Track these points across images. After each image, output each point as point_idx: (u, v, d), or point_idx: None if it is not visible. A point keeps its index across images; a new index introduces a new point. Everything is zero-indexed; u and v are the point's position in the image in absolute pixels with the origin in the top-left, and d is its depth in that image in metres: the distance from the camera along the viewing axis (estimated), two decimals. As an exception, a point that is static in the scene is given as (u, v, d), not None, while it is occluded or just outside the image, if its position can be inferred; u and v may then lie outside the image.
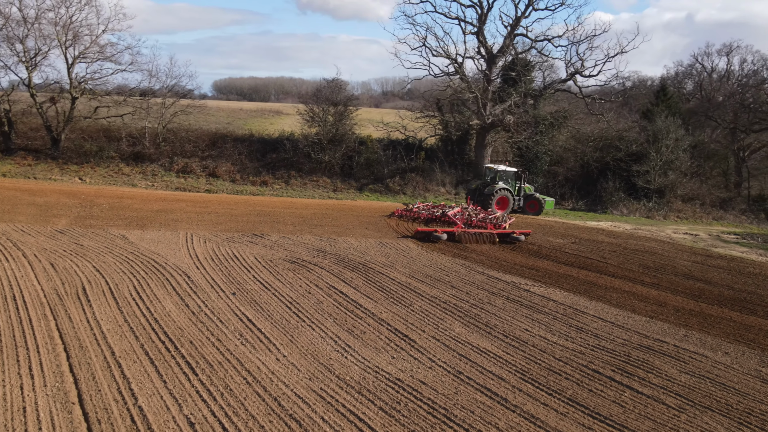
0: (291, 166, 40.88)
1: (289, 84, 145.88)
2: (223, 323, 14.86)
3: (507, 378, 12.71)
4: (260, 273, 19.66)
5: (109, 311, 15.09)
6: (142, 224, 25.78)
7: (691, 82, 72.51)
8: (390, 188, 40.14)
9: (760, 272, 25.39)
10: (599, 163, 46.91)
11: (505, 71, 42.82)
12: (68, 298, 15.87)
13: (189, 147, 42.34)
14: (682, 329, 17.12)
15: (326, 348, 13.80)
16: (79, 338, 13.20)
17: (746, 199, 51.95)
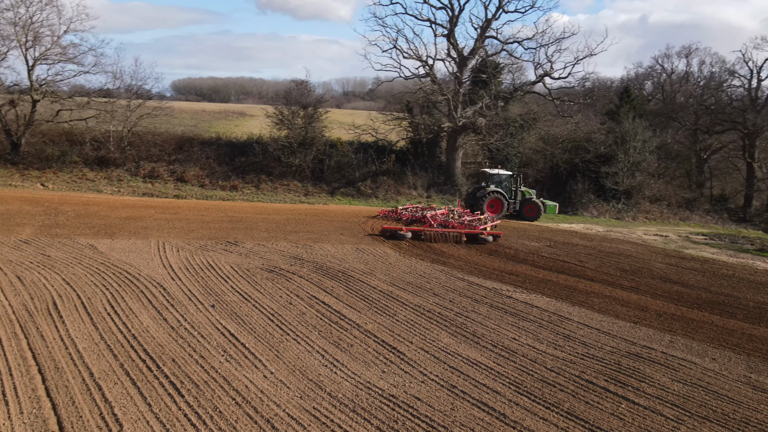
0: (261, 170, 40.20)
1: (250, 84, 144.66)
2: (205, 338, 14.31)
3: (502, 391, 12.45)
4: (238, 283, 19.09)
5: (83, 328, 14.41)
6: (111, 232, 24.93)
7: (650, 83, 73.88)
8: (362, 192, 39.74)
9: (733, 274, 25.69)
10: (568, 165, 47.28)
11: (475, 73, 42.78)
12: (39, 314, 15.12)
13: (155, 151, 41.32)
14: (667, 335, 17.11)
15: (314, 363, 13.37)
16: (54, 358, 12.52)
17: (709, 199, 52.97)
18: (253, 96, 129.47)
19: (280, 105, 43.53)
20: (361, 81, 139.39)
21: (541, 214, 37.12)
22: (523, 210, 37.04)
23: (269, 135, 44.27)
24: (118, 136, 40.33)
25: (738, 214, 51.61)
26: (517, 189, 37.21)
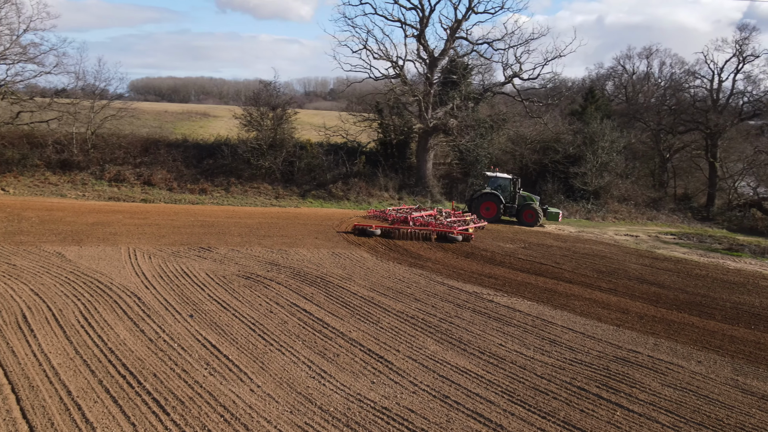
0: (230, 172, 39.41)
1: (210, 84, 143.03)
2: (186, 351, 13.78)
3: (496, 401, 12.22)
4: (215, 291, 18.55)
5: (56, 342, 13.76)
6: (79, 239, 24.07)
7: (611, 84, 74.98)
8: (333, 194, 39.27)
9: (706, 274, 25.99)
10: (537, 165, 47.51)
11: (445, 74, 42.64)
12: (7, 327, 14.40)
13: (120, 153, 40.20)
14: (651, 337, 17.12)
15: (301, 375, 12.96)
16: (27, 376, 11.89)
17: (673, 199, 53.81)
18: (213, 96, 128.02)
19: (249, 106, 42.64)
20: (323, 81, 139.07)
21: (539, 220, 36.24)
22: (521, 215, 36.47)
23: (237, 137, 43.48)
24: (81, 138, 39.12)
25: (701, 212, 52.45)
26: (515, 193, 36.68)
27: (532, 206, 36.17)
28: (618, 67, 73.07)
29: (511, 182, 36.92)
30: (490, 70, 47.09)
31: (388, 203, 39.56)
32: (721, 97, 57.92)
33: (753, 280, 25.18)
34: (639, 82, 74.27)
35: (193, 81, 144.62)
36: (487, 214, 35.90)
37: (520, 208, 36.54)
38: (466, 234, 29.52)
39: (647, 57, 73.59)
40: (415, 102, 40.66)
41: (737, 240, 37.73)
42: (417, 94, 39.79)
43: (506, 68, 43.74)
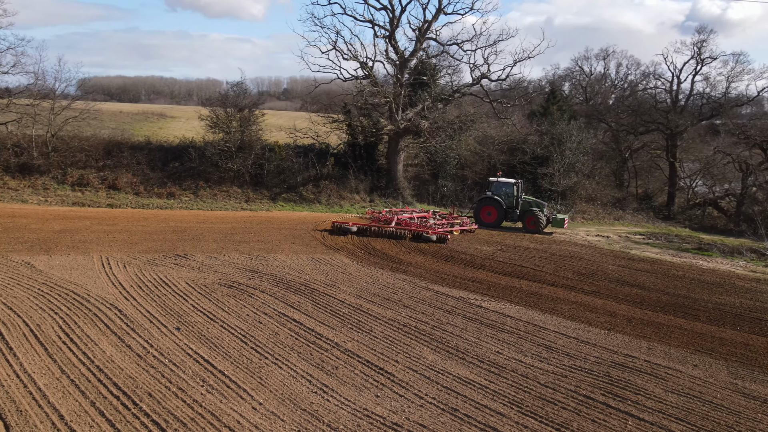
0: (198, 175, 38.44)
1: (161, 84, 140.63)
2: (178, 367, 13.15)
3: (506, 413, 11.94)
4: (199, 301, 17.88)
5: (38, 360, 12.97)
6: (47, 248, 23.04)
7: (568, 85, 76.10)
8: (304, 197, 38.67)
9: (683, 275, 26.27)
10: (506, 166, 47.66)
11: (415, 76, 42.40)
12: (-16, 346, 13.55)
13: (81, 156, 38.83)
14: (643, 341, 17.10)
15: (302, 390, 12.48)
16: (13, 399, 11.13)
17: (635, 198, 54.70)
18: (164, 96, 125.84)
19: (216, 107, 41.62)
20: (276, 81, 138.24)
21: (541, 226, 35.38)
22: (524, 221, 35.80)
23: (202, 138, 42.52)
24: (41, 141, 37.64)
25: (663, 212, 53.43)
26: (518, 198, 36.00)
27: (535, 212, 35.39)
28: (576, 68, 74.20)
29: (514, 187, 36.25)
30: (458, 72, 47.05)
31: (360, 206, 39.15)
32: (680, 98, 59.09)
33: (729, 280, 25.55)
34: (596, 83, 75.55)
35: (143, 80, 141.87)
36: (487, 219, 35.67)
37: (523, 214, 35.87)
38: (440, 234, 29.61)
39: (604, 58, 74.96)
40: (385, 103, 40.29)
41: (702, 239, 38.40)
42: (388, 96, 39.44)
43: (474, 69, 43.79)
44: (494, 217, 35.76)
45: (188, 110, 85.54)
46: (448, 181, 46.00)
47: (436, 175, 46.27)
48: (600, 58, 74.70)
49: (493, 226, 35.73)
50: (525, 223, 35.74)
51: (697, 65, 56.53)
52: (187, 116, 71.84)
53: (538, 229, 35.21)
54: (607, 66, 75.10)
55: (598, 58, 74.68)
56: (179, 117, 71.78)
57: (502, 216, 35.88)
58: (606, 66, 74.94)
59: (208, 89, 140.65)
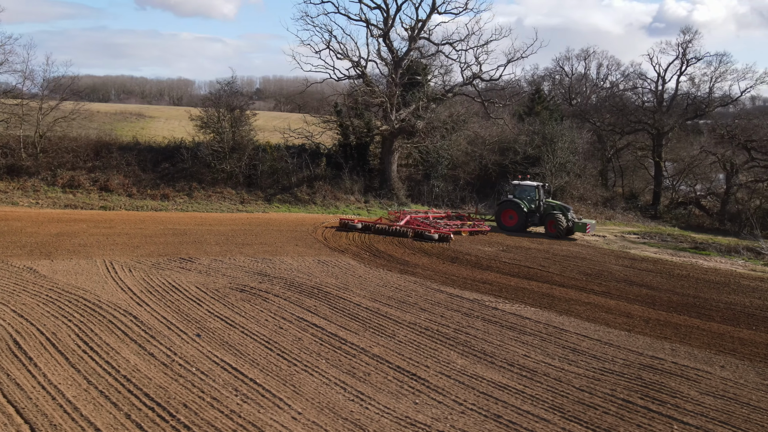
0: (191, 177, 37.75)
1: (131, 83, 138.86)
2: (207, 375, 12.73)
3: (550, 419, 11.72)
4: (213, 306, 17.44)
5: (61, 370, 12.48)
6: (48, 252, 22.38)
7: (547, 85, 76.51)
8: (299, 198, 38.19)
9: (688, 274, 26.34)
10: (498, 167, 47.61)
11: (410, 75, 42.10)
12: (1, 355, 13.01)
13: (69, 157, 37.92)
14: (665, 342, 17.02)
15: (339, 398, 12.14)
16: (44, 413, 10.65)
17: (622, 198, 55.06)
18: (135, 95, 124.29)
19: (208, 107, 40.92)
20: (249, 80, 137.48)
21: (562, 231, 33.75)
22: (546, 225, 34.40)
23: (192, 139, 41.83)
24: (29, 141, 36.70)
25: (649, 211, 53.75)
26: (539, 201, 34.78)
27: (556, 216, 33.87)
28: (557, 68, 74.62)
29: (536, 190, 34.93)
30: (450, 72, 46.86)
31: (356, 207, 38.83)
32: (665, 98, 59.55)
33: (734, 280, 25.66)
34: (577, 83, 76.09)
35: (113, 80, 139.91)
36: (509, 223, 34.75)
37: (544, 218, 34.57)
38: (443, 234, 30.02)
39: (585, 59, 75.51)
40: (380, 103, 39.95)
41: (694, 238, 38.60)
42: (383, 95, 39.12)
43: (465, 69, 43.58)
44: (515, 221, 34.60)
45: (165, 110, 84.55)
46: (439, 181, 45.82)
47: (428, 176, 46.06)
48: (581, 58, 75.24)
49: (515, 230, 34.58)
50: (546, 227, 34.40)
51: (682, 65, 56.98)
52: (166, 116, 71.00)
53: (559, 234, 33.78)
54: (587, 66, 75.64)
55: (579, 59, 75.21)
56: (158, 117, 70.84)
57: (524, 220, 34.57)
58: (586, 66, 75.48)
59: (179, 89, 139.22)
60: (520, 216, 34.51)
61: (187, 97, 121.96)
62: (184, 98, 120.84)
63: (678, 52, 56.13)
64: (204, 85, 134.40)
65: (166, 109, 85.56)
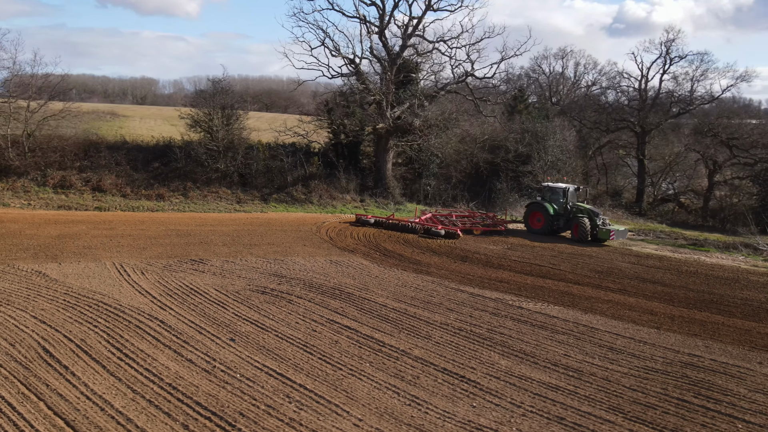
0: (185, 176, 36.88)
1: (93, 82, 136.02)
2: (254, 382, 12.25)
3: (614, 420, 11.48)
4: (239, 309, 16.91)
5: (101, 379, 11.89)
6: (53, 255, 21.58)
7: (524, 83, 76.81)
8: (295, 198, 37.59)
9: (696, 271, 26.43)
10: (489, 165, 47.49)
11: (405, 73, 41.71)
12: (34, 364, 12.37)
13: (56, 157, 36.79)
14: (697, 340, 16.94)
15: (395, 403, 11.76)
16: (98, 425, 10.09)
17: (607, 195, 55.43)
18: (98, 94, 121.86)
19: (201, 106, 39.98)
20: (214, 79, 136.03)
21: (585, 236, 31.94)
22: (572, 228, 32.87)
23: (180, 138, 40.96)
24: (15, 140, 35.50)
25: (633, 208, 54.14)
26: (566, 204, 33.16)
27: (581, 220, 32.06)
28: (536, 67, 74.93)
29: (561, 192, 33.47)
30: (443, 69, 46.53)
31: (352, 206, 38.38)
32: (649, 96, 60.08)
33: (741, 276, 25.80)
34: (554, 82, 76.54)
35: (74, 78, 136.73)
36: (536, 225, 33.63)
37: (570, 222, 33.01)
38: (450, 230, 30.59)
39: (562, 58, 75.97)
40: (374, 101, 39.52)
41: (686, 235, 38.93)
42: (379, 93, 38.70)
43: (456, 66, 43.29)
44: (542, 224, 33.28)
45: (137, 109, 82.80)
46: (431, 180, 45.56)
47: (419, 174, 45.74)
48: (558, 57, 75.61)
49: (541, 233, 33.23)
50: (572, 231, 32.91)
51: (665, 64, 57.52)
52: (140, 115, 69.46)
53: (582, 239, 31.93)
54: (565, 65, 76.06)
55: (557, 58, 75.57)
56: (131, 116, 69.26)
57: (550, 223, 33.10)
58: (564, 65, 75.89)
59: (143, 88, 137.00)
60: (547, 219, 33.12)
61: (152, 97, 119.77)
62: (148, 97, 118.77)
63: (661, 51, 56.63)
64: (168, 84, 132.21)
65: (138, 108, 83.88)
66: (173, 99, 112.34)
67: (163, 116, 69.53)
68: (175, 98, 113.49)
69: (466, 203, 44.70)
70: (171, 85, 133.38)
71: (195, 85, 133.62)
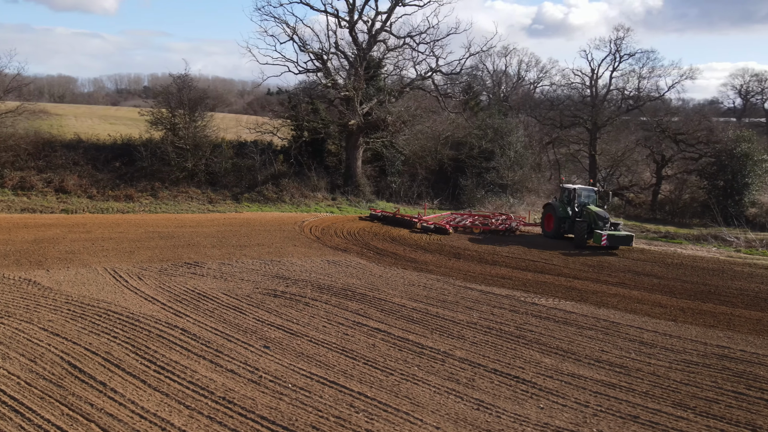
0: (151, 176, 35.27)
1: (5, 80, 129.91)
2: (310, 392, 11.55)
3: (685, 416, 11.31)
4: (258, 314, 16.09)
5: (147, 395, 10.97)
6: (37, 261, 20.13)
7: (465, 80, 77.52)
8: (267, 197, 36.54)
9: (680, 262, 26.90)
10: (453, 162, 47.46)
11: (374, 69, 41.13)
12: (66, 381, 11.33)
13: (8, 156, 34.65)
14: (716, 331, 17.09)
15: (462, 407, 11.29)
16: (167, 447, 9.24)
17: (560, 190, 56.34)
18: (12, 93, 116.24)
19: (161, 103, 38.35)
20: (136, 78, 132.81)
21: (578, 241, 29.73)
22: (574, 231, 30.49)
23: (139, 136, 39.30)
24: (-35, 140, 33.21)
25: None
26: (572, 206, 31.04)
27: (576, 224, 30.16)
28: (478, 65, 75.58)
29: (568, 193, 31.64)
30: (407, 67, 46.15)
31: (325, 204, 37.65)
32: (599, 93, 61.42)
33: (725, 267, 26.35)
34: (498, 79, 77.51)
35: None
36: (548, 228, 32.10)
37: (572, 225, 30.95)
38: (440, 227, 31.10)
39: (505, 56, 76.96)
40: (344, 97, 38.79)
41: (647, 228, 39.84)
42: (350, 89, 37.99)
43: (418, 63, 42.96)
44: (551, 227, 31.66)
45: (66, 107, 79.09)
46: (396, 177, 45.16)
47: (383, 171, 45.23)
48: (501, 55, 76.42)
49: (551, 236, 31.56)
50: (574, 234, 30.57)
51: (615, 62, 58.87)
52: (73, 114, 66.54)
53: (576, 244, 29.62)
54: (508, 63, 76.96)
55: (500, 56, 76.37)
56: (64, 115, 66.21)
57: (557, 225, 31.23)
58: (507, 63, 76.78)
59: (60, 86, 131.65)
60: (555, 221, 31.33)
61: (70, 95, 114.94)
62: (67, 96, 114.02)
63: (611, 49, 57.90)
64: (88, 83, 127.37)
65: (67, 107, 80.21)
66: (94, 97, 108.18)
67: (97, 115, 67.33)
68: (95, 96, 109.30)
69: (430, 200, 44.54)
70: (91, 84, 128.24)
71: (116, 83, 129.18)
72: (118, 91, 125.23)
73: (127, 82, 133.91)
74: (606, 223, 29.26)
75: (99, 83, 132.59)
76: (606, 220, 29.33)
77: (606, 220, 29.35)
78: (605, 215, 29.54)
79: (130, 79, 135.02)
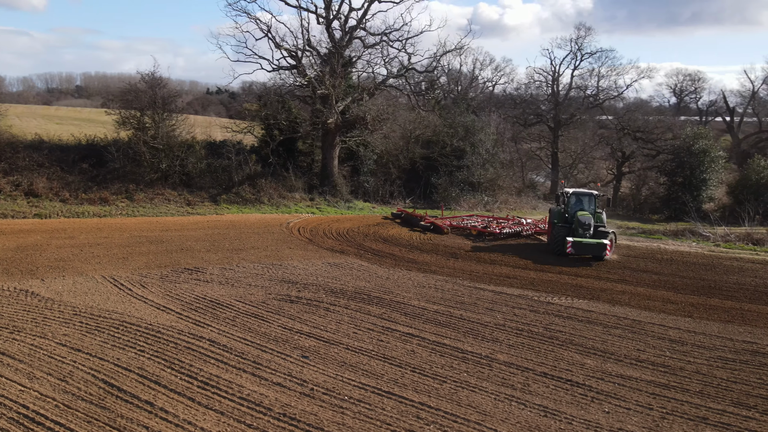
0: (124, 178, 33.70)
1: None
2: (370, 404, 10.99)
3: (752, 416, 11.22)
4: (281, 321, 15.40)
5: (200, 414, 10.23)
6: (28, 270, 18.87)
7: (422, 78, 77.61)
8: (245, 198, 35.49)
9: (671, 258, 27.18)
10: (425, 160, 47.16)
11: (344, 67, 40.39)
12: (108, 402, 10.49)
13: (-34, 159, 32.69)
14: (735, 326, 17.24)
15: (529, 415, 10.93)
16: (247, 472, 8.56)
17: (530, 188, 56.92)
18: None
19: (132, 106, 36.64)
20: (68, 77, 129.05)
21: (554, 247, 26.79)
22: None
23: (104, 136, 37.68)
24: None
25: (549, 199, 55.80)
26: (566, 211, 28.12)
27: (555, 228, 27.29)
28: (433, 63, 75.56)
29: (557, 197, 29.32)
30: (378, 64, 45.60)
31: (304, 204, 36.83)
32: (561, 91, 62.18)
33: (715, 261, 26.71)
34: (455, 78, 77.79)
35: None
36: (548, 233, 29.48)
37: None
38: (438, 226, 31.14)
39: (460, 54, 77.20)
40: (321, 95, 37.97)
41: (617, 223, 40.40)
42: (327, 87, 37.21)
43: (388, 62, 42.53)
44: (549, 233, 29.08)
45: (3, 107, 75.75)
46: (368, 176, 44.60)
47: (356, 170, 44.59)
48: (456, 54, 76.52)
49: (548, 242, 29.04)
50: None
51: (575, 60, 59.70)
52: (17, 113, 63.70)
53: (553, 250, 26.78)
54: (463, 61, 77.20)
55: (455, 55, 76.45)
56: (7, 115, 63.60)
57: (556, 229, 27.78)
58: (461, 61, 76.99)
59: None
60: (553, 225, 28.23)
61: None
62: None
63: (572, 48, 58.67)
64: (16, 82, 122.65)
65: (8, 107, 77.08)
66: (24, 97, 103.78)
67: (39, 114, 64.83)
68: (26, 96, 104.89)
69: (403, 199, 44.19)
70: (20, 83, 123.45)
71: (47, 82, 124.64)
72: (49, 90, 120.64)
73: (59, 81, 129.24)
74: (587, 230, 26.46)
75: (28, 82, 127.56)
76: (587, 227, 26.44)
77: (587, 227, 26.45)
78: (587, 221, 26.54)
79: (61, 78, 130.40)
